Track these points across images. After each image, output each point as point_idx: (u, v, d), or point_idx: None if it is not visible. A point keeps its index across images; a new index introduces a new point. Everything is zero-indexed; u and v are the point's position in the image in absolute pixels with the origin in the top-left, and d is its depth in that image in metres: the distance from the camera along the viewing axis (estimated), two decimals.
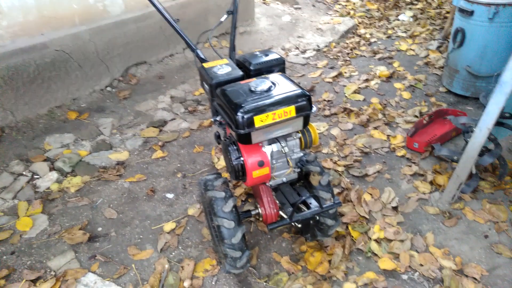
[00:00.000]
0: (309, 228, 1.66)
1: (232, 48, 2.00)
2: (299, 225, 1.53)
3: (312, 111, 1.38)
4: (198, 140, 2.74)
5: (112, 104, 3.18)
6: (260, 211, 1.75)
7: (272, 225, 1.48)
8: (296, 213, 1.48)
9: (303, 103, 1.34)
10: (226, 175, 2.36)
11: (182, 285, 1.79)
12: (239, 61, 1.65)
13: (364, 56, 3.77)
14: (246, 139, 1.32)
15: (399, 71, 3.40)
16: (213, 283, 1.80)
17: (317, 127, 2.78)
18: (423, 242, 1.90)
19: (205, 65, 1.63)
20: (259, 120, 1.28)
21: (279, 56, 1.62)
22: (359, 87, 3.22)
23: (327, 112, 2.93)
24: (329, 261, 1.83)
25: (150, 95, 3.25)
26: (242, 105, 1.27)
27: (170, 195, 2.30)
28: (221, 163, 2.46)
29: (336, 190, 2.21)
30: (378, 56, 3.71)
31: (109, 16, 3.20)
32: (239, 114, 1.26)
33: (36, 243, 2.01)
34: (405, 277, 1.76)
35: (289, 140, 1.46)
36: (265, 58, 1.58)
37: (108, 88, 3.34)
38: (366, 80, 3.31)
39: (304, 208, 1.55)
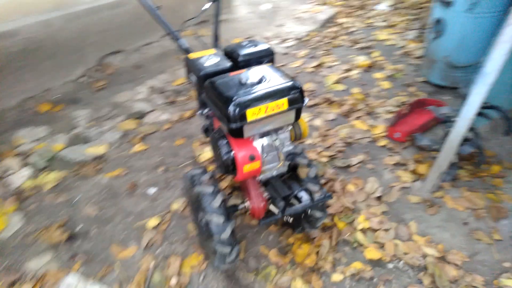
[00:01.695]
0: (300, 222, 1.66)
1: (216, 37, 1.94)
2: (291, 220, 1.52)
3: (304, 103, 1.36)
4: (180, 132, 2.68)
5: (87, 95, 3.05)
6: (247, 205, 1.73)
7: (264, 220, 1.47)
8: (287, 207, 1.47)
9: (296, 96, 1.31)
10: (210, 168, 2.32)
11: (169, 283, 1.76)
12: (226, 51, 1.60)
13: (344, 45, 3.77)
14: (238, 133, 1.28)
15: (379, 61, 3.43)
16: (201, 279, 1.77)
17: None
18: (406, 231, 1.94)
19: (191, 55, 1.57)
20: (252, 114, 1.25)
21: (268, 47, 1.58)
22: (340, 77, 3.22)
23: (309, 103, 2.92)
24: (317, 253, 1.84)
25: (128, 85, 3.14)
26: (234, 98, 1.23)
27: (152, 190, 2.24)
28: (204, 156, 2.42)
29: (321, 181, 2.21)
30: (358, 45, 3.72)
31: (82, 1, 3.04)
32: (231, 107, 1.22)
33: (12, 244, 1.92)
34: (390, 266, 1.79)
35: (280, 133, 1.44)
36: (254, 49, 1.54)
37: (83, 79, 3.20)
38: (347, 70, 3.31)
39: (295, 201, 1.54)
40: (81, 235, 1.99)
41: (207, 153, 2.41)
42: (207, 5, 1.86)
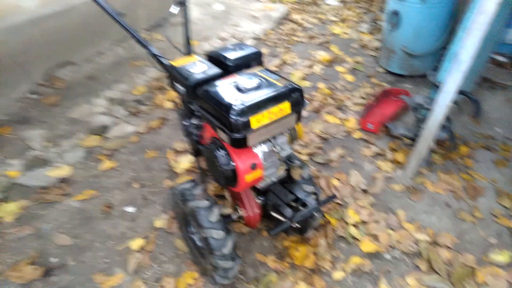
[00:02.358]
0: (307, 225, 1.62)
1: (187, 41, 1.84)
2: (299, 225, 1.47)
3: (305, 105, 1.31)
4: (149, 144, 2.52)
5: (38, 113, 2.77)
6: (242, 214, 1.66)
7: (274, 230, 1.40)
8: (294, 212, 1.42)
9: (297, 98, 1.26)
10: (186, 178, 2.20)
11: None
12: (211, 56, 1.51)
13: (302, 42, 3.80)
14: (241, 143, 1.20)
15: (339, 55, 3.49)
16: None
17: None
18: (396, 220, 1.97)
19: (175, 63, 1.46)
20: (256, 121, 1.17)
21: (256, 49, 1.51)
22: (305, 74, 3.23)
23: None
24: (314, 253, 1.81)
25: (83, 98, 2.90)
26: (235, 106, 1.15)
27: (130, 209, 2.08)
28: (181, 166, 2.29)
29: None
30: (315, 41, 3.76)
31: (23, 11, 2.75)
32: (233, 116, 1.14)
33: None
34: (387, 256, 1.81)
35: (279, 137, 1.38)
36: (242, 52, 1.46)
37: (31, 95, 2.90)
38: (310, 66, 3.33)
39: (299, 206, 1.49)
40: (57, 268, 1.79)
41: (184, 163, 2.29)
42: (175, 10, 1.75)
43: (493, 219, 1.96)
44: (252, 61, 1.46)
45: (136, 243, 1.88)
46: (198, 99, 1.30)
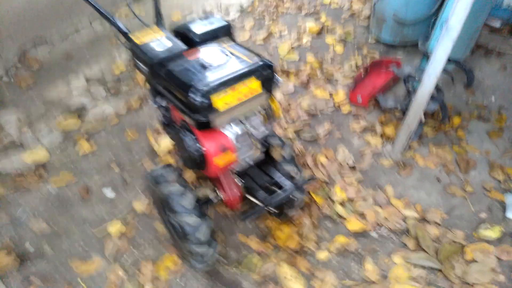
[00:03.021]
0: (283, 209, 1.54)
1: (158, 15, 1.70)
2: (274, 210, 1.39)
3: (278, 82, 1.20)
4: (130, 125, 2.42)
5: (13, 96, 2.66)
6: (221, 196, 1.58)
7: (245, 214, 1.32)
8: (270, 196, 1.34)
9: (268, 75, 1.15)
10: (171, 161, 2.12)
11: None
12: (178, 31, 1.39)
13: (290, 12, 3.62)
14: (206, 125, 1.11)
15: (328, 25, 3.33)
16: (178, 280, 1.62)
17: None
18: (384, 196, 1.90)
19: (137, 40, 1.34)
20: (221, 102, 1.07)
21: (226, 22, 1.39)
22: (292, 46, 3.09)
23: None
24: (298, 233, 1.75)
25: (60, 79, 2.77)
26: (198, 86, 1.05)
27: (109, 193, 2.01)
28: (163, 148, 2.20)
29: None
30: (303, 11, 3.59)
31: None
32: (197, 97, 1.04)
33: None
34: (374, 234, 1.75)
35: (252, 118, 1.28)
36: (210, 26, 1.34)
37: (5, 78, 2.78)
38: (298, 38, 3.18)
39: (275, 189, 1.41)
40: (33, 254, 1.73)
41: (165, 143, 2.20)
42: None
43: (484, 193, 1.89)
44: (221, 35, 1.34)
45: (114, 228, 1.82)
46: (161, 78, 1.19)
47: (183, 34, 1.34)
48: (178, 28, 1.39)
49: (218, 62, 1.12)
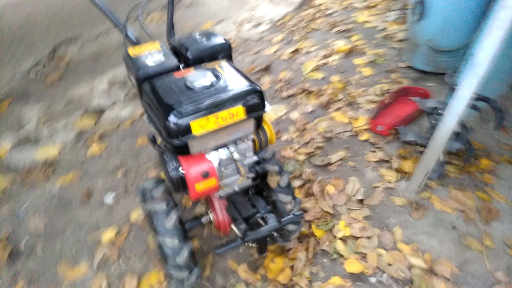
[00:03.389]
0: (266, 245, 1.44)
1: (171, 26, 1.68)
2: (253, 244, 1.30)
3: (266, 110, 1.12)
4: (142, 130, 2.42)
5: (39, 90, 2.74)
6: (212, 217, 1.51)
7: (219, 249, 1.24)
8: (250, 230, 1.25)
9: (254, 102, 1.08)
10: None
11: None
12: (174, 45, 1.35)
13: (322, 29, 3.53)
14: (182, 149, 1.04)
15: (359, 45, 3.20)
16: None
17: (275, 110, 2.54)
18: (390, 238, 1.75)
19: (131, 51, 1.31)
20: (198, 126, 1.01)
21: (224, 40, 1.33)
22: (318, 64, 2.99)
23: (285, 94, 2.69)
24: (292, 267, 1.64)
25: (84, 79, 2.83)
26: (175, 106, 0.99)
27: (110, 197, 1.99)
28: None
29: (297, 183, 2.01)
30: (335, 29, 3.48)
31: None
32: (170, 118, 0.98)
33: None
34: (373, 280, 1.61)
35: (240, 143, 1.20)
36: (206, 43, 1.29)
37: (33, 72, 2.87)
38: (325, 56, 3.08)
39: (260, 221, 1.32)
40: (25, 251, 1.74)
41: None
42: None
43: (505, 249, 1.69)
44: (217, 53, 1.28)
45: (107, 235, 1.80)
46: (145, 94, 1.15)
47: (177, 49, 1.29)
48: (173, 42, 1.35)
49: (202, 83, 1.06)
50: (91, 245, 1.77)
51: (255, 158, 1.25)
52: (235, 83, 1.09)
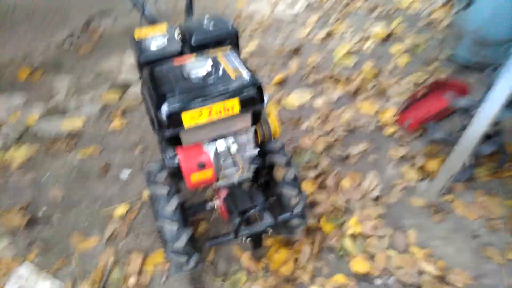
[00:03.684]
0: (261, 242, 1.41)
1: (189, 6, 1.63)
2: (245, 240, 1.27)
3: (264, 104, 1.06)
4: None
5: (70, 62, 2.81)
6: (216, 204, 1.50)
7: (212, 241, 1.22)
8: (243, 225, 1.22)
9: (251, 95, 1.02)
10: None
11: (127, 282, 1.59)
12: (181, 30, 1.31)
13: (360, 11, 3.34)
14: (173, 140, 1.02)
15: (398, 31, 3.01)
16: (163, 280, 1.59)
17: (300, 96, 2.46)
18: (404, 240, 1.67)
19: (137, 33, 1.28)
20: (190, 118, 0.97)
21: (231, 27, 1.27)
22: (351, 50, 2.84)
23: (311, 79, 2.59)
24: (296, 260, 1.61)
25: (115, 52, 2.87)
26: (168, 96, 0.96)
27: (126, 173, 2.03)
28: None
29: (312, 173, 1.95)
30: (375, 12, 3.28)
31: None
32: (162, 108, 0.95)
33: None
34: (379, 282, 1.55)
35: (239, 135, 1.16)
36: (212, 29, 1.23)
37: (67, 43, 2.95)
38: (359, 42, 2.92)
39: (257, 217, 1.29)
40: (42, 220, 1.82)
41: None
42: None
43: None
44: (223, 40, 1.22)
45: (119, 211, 1.84)
46: (142, 80, 1.12)
47: (183, 34, 1.25)
48: (182, 26, 1.30)
49: (199, 73, 1.02)
50: (103, 219, 1.82)
51: (255, 151, 1.21)
52: (233, 74, 1.03)
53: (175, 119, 0.96)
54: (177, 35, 1.32)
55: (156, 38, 1.23)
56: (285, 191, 1.39)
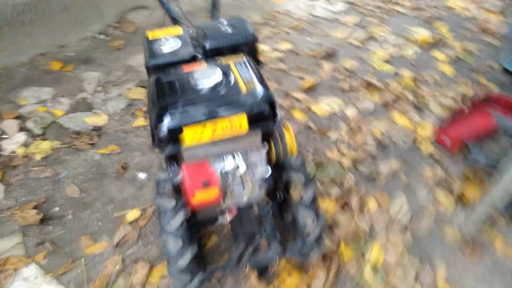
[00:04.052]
0: (267, 271, 1.30)
1: (214, 6, 1.53)
2: (247, 268, 1.16)
3: (276, 123, 0.95)
4: None
5: (102, 55, 2.81)
6: (226, 219, 1.40)
7: (212, 267, 1.13)
8: (250, 252, 1.12)
9: (261, 112, 0.91)
10: None
11: None
12: (197, 33, 1.21)
13: (405, 13, 3.10)
14: (173, 157, 0.93)
15: (445, 37, 2.75)
16: None
17: (331, 104, 2.31)
18: (431, 275, 1.50)
19: (151, 33, 1.20)
20: (191, 135, 0.88)
21: (251, 32, 1.16)
22: (391, 55, 2.64)
23: (345, 86, 2.42)
24: (309, 285, 1.49)
25: None
26: (170, 108, 0.87)
27: (142, 175, 1.99)
28: None
29: (335, 191, 1.81)
30: (423, 15, 3.03)
31: None
32: (161, 123, 0.86)
33: None
34: None
35: (251, 154, 1.05)
36: (229, 33, 1.13)
37: (101, 36, 2.96)
38: (401, 46, 2.71)
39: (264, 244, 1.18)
40: (55, 219, 1.81)
41: None
42: None
43: None
44: (240, 47, 1.11)
45: (132, 214, 1.80)
46: (148, 85, 1.04)
47: (197, 38, 1.15)
48: (198, 28, 1.21)
49: (206, 84, 0.92)
50: (114, 223, 1.77)
51: (268, 170, 1.10)
52: (245, 86, 0.92)
53: (176, 134, 0.87)
54: (192, 38, 1.23)
55: (169, 42, 1.15)
56: (301, 213, 1.27)
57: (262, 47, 2.81)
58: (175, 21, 1.44)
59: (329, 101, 2.33)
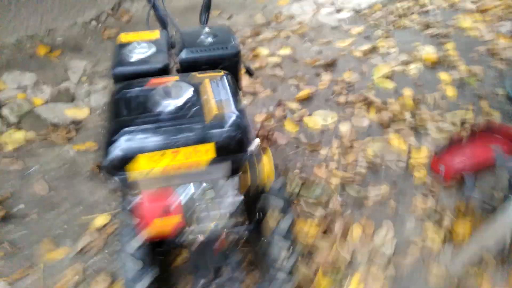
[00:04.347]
0: None
1: (206, 7, 1.41)
2: None
3: (249, 152, 0.83)
4: None
5: (92, 44, 2.69)
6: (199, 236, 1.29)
7: None
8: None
9: (233, 139, 0.79)
10: None
11: None
12: (174, 41, 1.10)
13: (412, 28, 2.98)
14: (125, 185, 0.82)
15: (451, 56, 2.64)
16: None
17: (325, 117, 2.19)
18: None
19: (125, 36, 1.08)
20: (145, 162, 0.76)
21: (234, 46, 1.04)
22: (393, 70, 2.52)
23: (342, 99, 2.31)
24: None
25: None
26: (124, 130, 0.75)
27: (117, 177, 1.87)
28: None
29: (318, 213, 1.70)
30: (428, 31, 2.91)
31: None
32: (112, 147, 0.75)
33: None
34: None
35: (221, 181, 0.94)
36: (208, 45, 1.02)
37: (94, 23, 2.82)
38: (404, 62, 2.59)
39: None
40: (18, 217, 1.70)
41: None
42: None
43: None
44: (220, 61, 1.00)
45: (101, 219, 1.68)
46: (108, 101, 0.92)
47: (174, 48, 1.04)
48: (175, 37, 1.09)
49: (174, 104, 0.80)
50: (79, 228, 1.66)
51: (240, 198, 0.99)
52: (215, 110, 0.81)
53: (124, 162, 0.76)
54: (170, 44, 1.11)
55: (141, 47, 1.02)
56: (275, 241, 1.17)
57: (260, 50, 2.69)
58: (160, 20, 1.32)
59: (323, 114, 2.21)
